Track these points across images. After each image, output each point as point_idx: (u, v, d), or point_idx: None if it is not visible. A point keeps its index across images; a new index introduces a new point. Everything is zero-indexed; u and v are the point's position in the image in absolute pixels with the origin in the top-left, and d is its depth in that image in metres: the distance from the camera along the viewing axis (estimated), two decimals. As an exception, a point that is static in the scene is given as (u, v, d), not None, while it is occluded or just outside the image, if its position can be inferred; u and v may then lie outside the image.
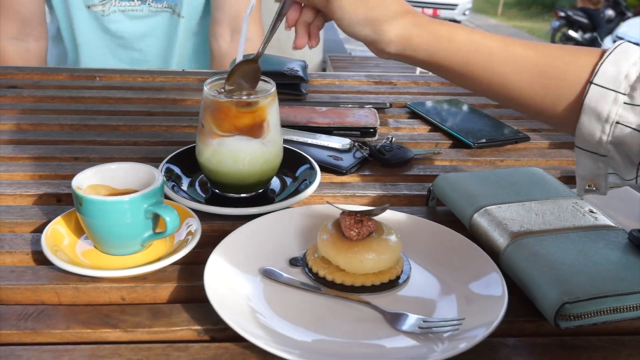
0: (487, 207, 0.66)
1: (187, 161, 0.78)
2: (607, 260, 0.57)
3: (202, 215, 0.67)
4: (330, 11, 0.62)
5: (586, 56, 0.56)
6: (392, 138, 0.90)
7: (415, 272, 0.61)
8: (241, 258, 0.61)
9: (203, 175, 0.76)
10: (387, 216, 0.67)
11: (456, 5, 9.97)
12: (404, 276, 0.60)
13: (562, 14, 8.31)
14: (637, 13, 8.29)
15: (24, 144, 0.87)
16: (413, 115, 1.08)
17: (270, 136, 0.71)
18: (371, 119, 0.96)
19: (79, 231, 0.64)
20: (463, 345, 0.49)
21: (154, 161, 0.79)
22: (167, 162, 0.78)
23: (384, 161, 0.85)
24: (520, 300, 0.57)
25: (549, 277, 0.54)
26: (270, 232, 0.65)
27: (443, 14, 10.02)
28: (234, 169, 0.70)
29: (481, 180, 0.72)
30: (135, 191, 0.59)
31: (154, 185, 0.60)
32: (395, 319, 0.54)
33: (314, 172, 0.77)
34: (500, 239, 0.61)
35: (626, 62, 0.53)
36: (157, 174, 0.62)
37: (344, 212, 0.60)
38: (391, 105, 1.09)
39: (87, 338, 0.53)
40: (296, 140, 0.88)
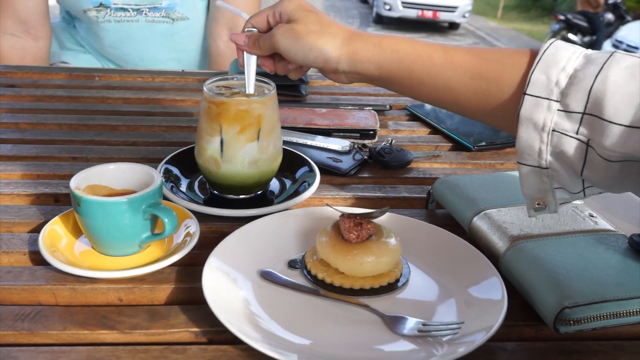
0: (487, 211, 0.66)
1: (186, 162, 0.78)
2: (607, 264, 0.57)
3: (201, 216, 0.67)
4: (277, 49, 0.65)
5: (519, 55, 0.56)
6: (392, 140, 0.90)
7: (414, 276, 0.61)
8: (240, 260, 0.60)
9: (202, 176, 0.76)
10: (387, 219, 0.67)
11: (456, 7, 9.97)
12: (403, 279, 0.60)
13: (562, 17, 8.32)
14: (637, 17, 8.29)
15: (22, 143, 0.87)
16: (413, 117, 1.08)
17: (269, 138, 0.71)
18: (371, 121, 0.96)
19: (77, 232, 0.63)
20: (462, 349, 0.49)
21: (153, 162, 0.79)
22: (166, 163, 0.78)
23: (384, 163, 0.85)
24: (519, 304, 0.57)
25: (549, 282, 0.54)
26: (269, 234, 0.65)
27: (443, 17, 10.04)
28: (233, 170, 0.70)
29: (481, 183, 0.72)
30: (133, 192, 0.59)
31: (153, 186, 0.60)
32: (394, 323, 0.54)
33: (314, 174, 0.77)
34: (499, 243, 0.61)
35: (555, 69, 0.52)
36: (156, 175, 0.61)
37: (344, 215, 0.60)
38: (391, 107, 1.09)
39: (84, 339, 0.52)
40: (296, 141, 0.88)
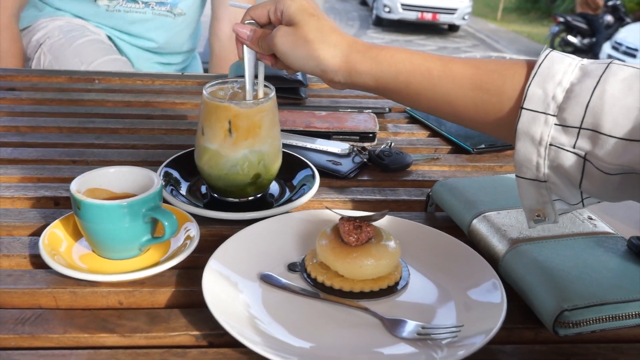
0: (486, 213, 0.66)
1: (186, 165, 0.78)
2: (606, 267, 0.57)
3: (201, 219, 0.67)
4: (276, 53, 0.65)
5: (518, 67, 0.55)
6: (391, 143, 0.90)
7: (414, 278, 0.61)
8: (239, 263, 0.60)
9: (202, 179, 0.76)
10: (386, 222, 0.67)
11: (455, 9, 9.97)
12: (403, 282, 0.60)
13: (561, 19, 8.33)
14: (636, 18, 8.30)
15: (22, 147, 0.87)
16: (412, 120, 1.08)
17: (269, 141, 0.71)
18: (370, 124, 0.96)
19: (77, 235, 0.63)
20: (462, 352, 0.49)
21: (153, 165, 0.79)
22: (166, 166, 0.78)
23: (383, 166, 0.85)
24: (518, 307, 0.57)
25: (548, 284, 0.54)
26: (268, 237, 0.65)
27: (442, 19, 10.04)
28: (233, 174, 0.70)
29: (480, 186, 0.72)
30: (133, 195, 0.59)
31: (153, 189, 0.60)
32: (393, 325, 0.54)
33: (313, 177, 0.77)
34: (499, 245, 0.61)
35: (551, 83, 0.52)
36: (156, 178, 0.62)
37: (343, 218, 0.60)
38: (390, 110, 1.09)
39: (85, 343, 0.52)
40: (295, 144, 0.88)
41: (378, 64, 0.61)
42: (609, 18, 8.24)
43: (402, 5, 9.83)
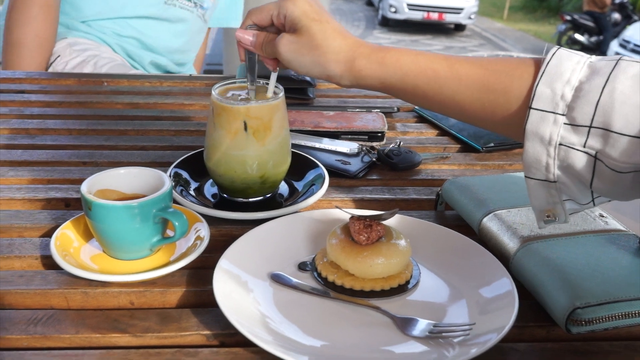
0: (497, 212, 0.65)
1: (196, 166, 0.78)
2: (618, 264, 0.56)
3: (211, 219, 0.67)
4: (280, 59, 0.66)
5: (526, 66, 0.55)
6: (400, 142, 0.90)
7: (424, 277, 0.61)
8: (250, 263, 0.61)
9: (211, 179, 0.76)
10: (396, 221, 0.67)
11: (462, 9, 9.95)
12: (414, 281, 0.60)
13: (568, 18, 8.29)
14: (644, 16, 8.26)
15: (33, 149, 0.88)
16: (421, 119, 1.08)
17: (278, 141, 0.71)
18: (379, 123, 0.96)
19: (88, 236, 0.64)
20: (474, 350, 0.49)
21: (162, 166, 0.79)
22: (176, 167, 0.78)
23: (392, 165, 0.85)
24: (530, 305, 0.57)
25: (560, 282, 0.54)
26: (278, 237, 0.65)
27: (449, 18, 10.02)
28: (242, 174, 0.70)
29: (490, 184, 0.72)
30: (143, 196, 0.59)
31: (163, 189, 0.60)
32: (405, 324, 0.54)
33: (322, 177, 0.77)
34: (510, 244, 0.61)
35: (559, 82, 0.52)
36: (166, 179, 0.62)
37: (353, 217, 0.60)
38: (399, 109, 1.09)
39: (97, 343, 0.53)
40: (304, 144, 0.88)
41: (384, 68, 0.61)
42: (617, 16, 8.20)
43: (408, 5, 9.82)
